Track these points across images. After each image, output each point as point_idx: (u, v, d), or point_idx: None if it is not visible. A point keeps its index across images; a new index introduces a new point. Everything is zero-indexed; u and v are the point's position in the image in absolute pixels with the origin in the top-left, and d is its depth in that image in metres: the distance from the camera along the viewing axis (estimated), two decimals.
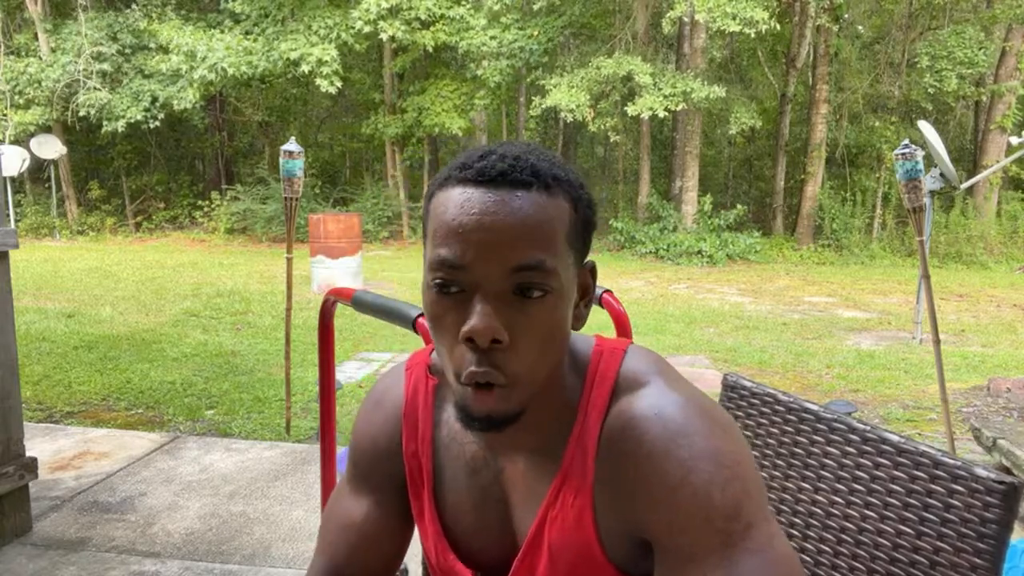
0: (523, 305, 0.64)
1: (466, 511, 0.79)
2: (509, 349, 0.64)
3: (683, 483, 0.63)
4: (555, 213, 0.65)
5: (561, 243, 0.66)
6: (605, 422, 0.71)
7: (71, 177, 15.95)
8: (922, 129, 4.93)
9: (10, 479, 2.38)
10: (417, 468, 0.82)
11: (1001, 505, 0.79)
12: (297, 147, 3.48)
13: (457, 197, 0.65)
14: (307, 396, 4.28)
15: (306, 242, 8.88)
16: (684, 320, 7.04)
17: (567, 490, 0.71)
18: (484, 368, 0.64)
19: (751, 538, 0.62)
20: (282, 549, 2.46)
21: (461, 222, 0.63)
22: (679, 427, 0.65)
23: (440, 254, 0.64)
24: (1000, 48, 13.30)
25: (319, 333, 1.73)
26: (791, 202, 15.33)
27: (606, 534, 0.70)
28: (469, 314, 0.63)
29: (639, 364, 0.73)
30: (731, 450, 0.65)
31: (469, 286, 0.64)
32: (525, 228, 0.63)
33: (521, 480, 0.75)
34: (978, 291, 9.36)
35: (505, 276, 0.63)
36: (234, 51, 12.96)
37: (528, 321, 0.64)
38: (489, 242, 0.63)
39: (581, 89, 12.34)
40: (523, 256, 0.63)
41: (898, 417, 4.08)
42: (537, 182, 0.65)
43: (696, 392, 0.71)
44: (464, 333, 0.63)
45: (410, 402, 0.83)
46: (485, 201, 0.64)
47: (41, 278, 8.88)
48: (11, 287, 2.41)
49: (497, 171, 0.64)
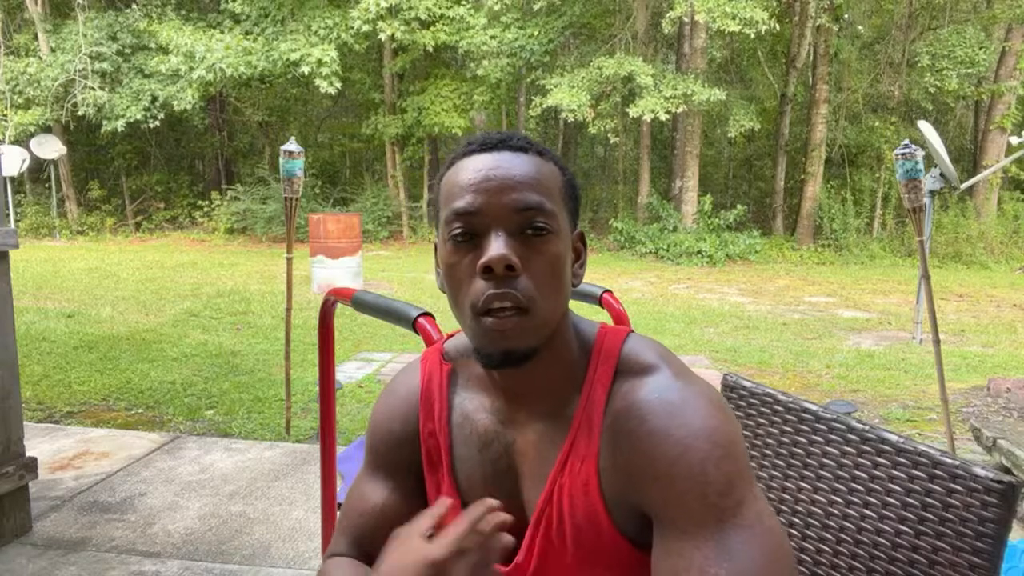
0: (530, 241, 0.72)
1: (479, 484, 0.83)
2: (522, 276, 0.71)
3: (680, 459, 0.67)
4: (548, 172, 0.76)
5: (556, 196, 0.75)
6: (610, 399, 0.76)
7: (71, 177, 15.95)
8: (922, 129, 4.92)
9: (10, 479, 2.38)
10: (435, 447, 0.86)
11: (1000, 505, 0.80)
12: (297, 147, 3.48)
13: (466, 164, 0.75)
14: (307, 396, 4.28)
15: (306, 242, 8.88)
16: (684, 320, 7.04)
17: (574, 458, 0.76)
18: (500, 290, 0.70)
19: (741, 514, 0.66)
20: (282, 549, 2.46)
21: (471, 178, 0.73)
22: (678, 408, 0.70)
23: (455, 206, 0.73)
24: (1000, 48, 13.30)
25: (319, 333, 1.74)
26: (791, 202, 15.33)
27: (611, 501, 0.74)
28: (484, 250, 0.71)
29: (641, 347, 0.79)
30: (726, 430, 0.69)
31: (482, 229, 0.72)
32: (527, 177, 0.73)
33: (531, 450, 0.80)
34: (978, 291, 9.36)
35: (513, 214, 0.72)
36: (233, 51, 12.96)
37: (536, 254, 0.72)
38: (497, 188, 0.72)
39: (582, 89, 12.34)
40: (527, 198, 0.72)
41: (898, 417, 4.08)
42: (531, 148, 0.76)
43: (694, 376, 0.76)
44: (482, 264, 0.70)
45: (425, 388, 0.88)
46: (488, 161, 0.74)
47: (41, 278, 8.88)
48: (11, 287, 2.41)
49: (497, 139, 0.76)
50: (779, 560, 0.65)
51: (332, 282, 7.97)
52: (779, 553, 0.65)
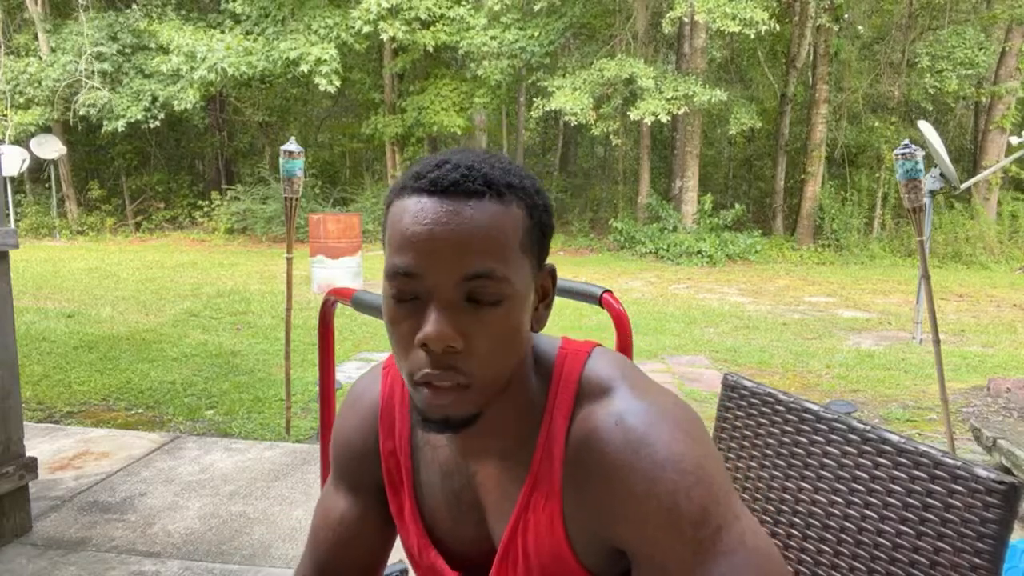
0: (477, 312, 0.65)
1: (443, 514, 0.80)
2: (464, 353, 0.65)
3: (648, 494, 0.64)
4: (507, 221, 0.66)
5: (514, 250, 0.66)
6: (570, 428, 0.71)
7: (71, 177, 15.95)
8: (922, 129, 4.92)
9: (10, 479, 2.38)
10: (396, 467, 0.83)
11: (1001, 505, 0.80)
12: (297, 147, 3.48)
13: (412, 207, 0.66)
14: (307, 396, 4.28)
15: (306, 242, 8.88)
16: (684, 320, 7.04)
17: (537, 495, 0.72)
18: (439, 370, 0.65)
19: (721, 541, 0.63)
20: (282, 549, 2.46)
21: (414, 232, 0.65)
22: (640, 436, 0.66)
23: (395, 263, 0.66)
24: (1000, 48, 13.30)
25: (319, 333, 1.74)
26: (791, 202, 15.33)
27: (577, 539, 0.71)
28: (424, 321, 0.65)
29: (602, 367, 0.74)
30: (694, 454, 0.65)
31: (424, 294, 0.66)
32: (475, 238, 0.64)
33: (493, 485, 0.76)
34: (978, 291, 9.36)
35: (457, 284, 0.64)
36: (234, 51, 12.96)
37: (482, 327, 0.65)
38: (440, 251, 0.64)
39: (584, 92, 12.34)
40: (473, 265, 0.64)
41: (898, 417, 4.08)
42: (490, 191, 0.66)
43: (659, 395, 0.71)
44: (419, 339, 0.64)
45: (386, 403, 0.84)
46: (437, 211, 0.64)
47: (41, 278, 8.88)
48: (11, 287, 2.41)
49: (450, 181, 0.65)
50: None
51: (332, 282, 7.97)
52: (767, 570, 0.64)
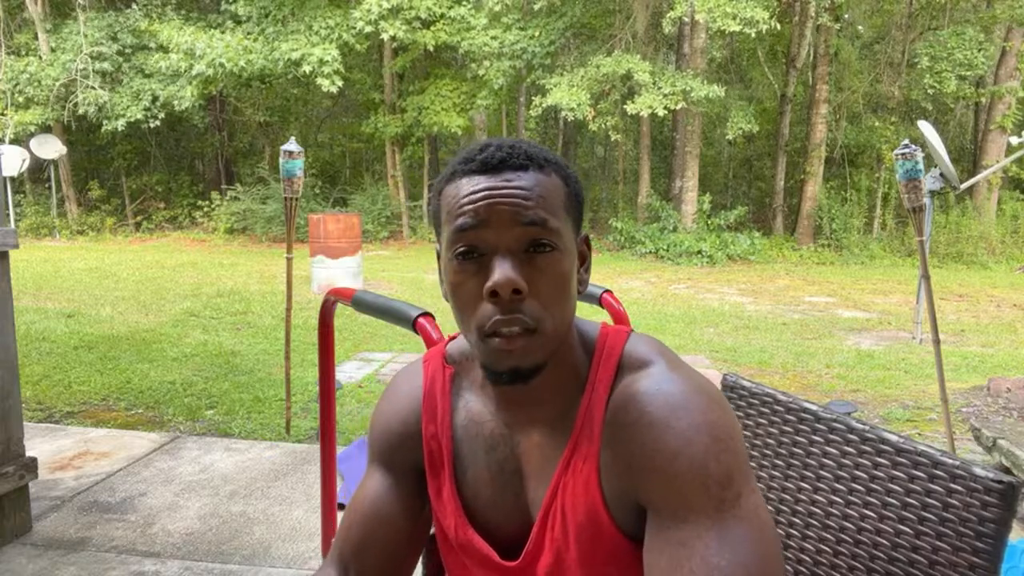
0: (535, 260, 0.72)
1: (484, 487, 0.84)
2: (528, 298, 0.72)
3: (681, 452, 0.68)
4: (551, 185, 0.75)
5: (560, 209, 0.75)
6: (611, 395, 0.77)
7: (71, 177, 15.95)
8: (922, 129, 4.92)
9: (10, 479, 2.38)
10: (437, 449, 0.87)
11: (1000, 505, 0.80)
12: (297, 147, 3.48)
13: (466, 185, 0.74)
14: (307, 396, 4.28)
15: (306, 242, 8.88)
16: (684, 320, 7.04)
17: (577, 457, 0.77)
18: (507, 315, 0.71)
19: (740, 506, 0.67)
20: (282, 549, 2.46)
21: (474, 197, 0.73)
22: (679, 402, 0.71)
23: (459, 223, 0.73)
24: (1000, 49, 13.29)
25: (319, 333, 1.74)
26: (791, 202, 15.33)
27: (611, 498, 0.75)
28: (490, 272, 0.71)
29: (642, 346, 0.80)
30: (726, 424, 0.71)
31: (487, 249, 0.72)
32: (530, 195, 0.73)
33: (536, 452, 0.81)
34: (978, 291, 9.36)
35: (517, 235, 0.72)
36: (233, 49, 12.95)
37: (541, 274, 0.72)
38: (499, 209, 0.72)
39: (581, 88, 12.34)
40: (529, 215, 0.72)
41: (898, 417, 4.08)
42: (532, 164, 0.75)
43: (694, 373, 0.77)
44: (488, 288, 0.71)
45: (428, 390, 0.89)
46: (491, 181, 0.73)
47: (41, 278, 8.88)
48: (11, 287, 2.41)
49: (497, 159, 0.74)
50: (773, 555, 0.67)
51: (332, 282, 7.97)
52: (773, 547, 0.67)
